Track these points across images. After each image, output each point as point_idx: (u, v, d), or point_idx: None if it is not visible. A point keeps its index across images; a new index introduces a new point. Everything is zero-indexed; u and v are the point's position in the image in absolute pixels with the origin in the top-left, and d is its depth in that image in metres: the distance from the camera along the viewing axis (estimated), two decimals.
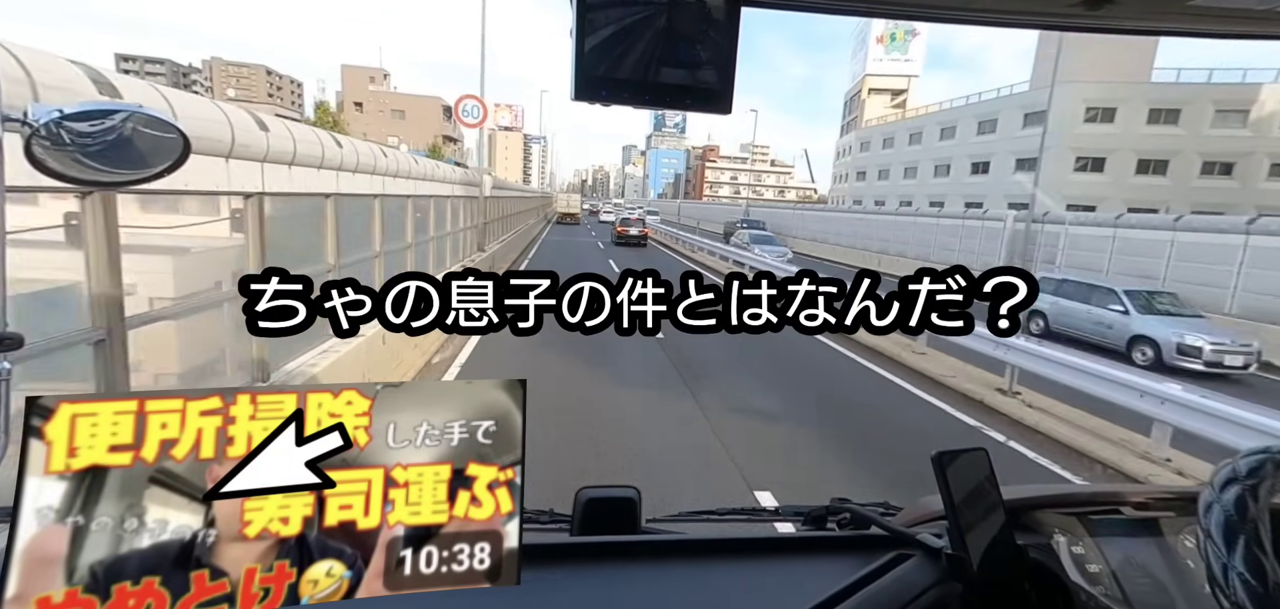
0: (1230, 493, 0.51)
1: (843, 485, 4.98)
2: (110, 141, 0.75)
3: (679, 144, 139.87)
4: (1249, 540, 0.48)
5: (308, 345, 4.82)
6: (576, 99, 0.67)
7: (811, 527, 1.16)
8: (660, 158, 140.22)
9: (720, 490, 4.12)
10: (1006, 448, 5.38)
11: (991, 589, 0.76)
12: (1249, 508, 0.49)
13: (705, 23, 0.66)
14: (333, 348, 4.92)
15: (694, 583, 0.87)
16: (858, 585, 0.74)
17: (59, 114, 0.70)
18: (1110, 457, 5.18)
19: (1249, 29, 0.70)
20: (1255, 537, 0.48)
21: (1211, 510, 0.53)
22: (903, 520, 1.02)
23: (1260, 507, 0.49)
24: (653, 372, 7.04)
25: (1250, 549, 0.48)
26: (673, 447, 5.03)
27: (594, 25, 0.64)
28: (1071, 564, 0.86)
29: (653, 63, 0.66)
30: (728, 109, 0.71)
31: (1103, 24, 0.66)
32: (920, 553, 0.81)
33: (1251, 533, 0.48)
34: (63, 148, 0.72)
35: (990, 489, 0.81)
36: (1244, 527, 0.49)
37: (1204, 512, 0.54)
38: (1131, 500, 0.97)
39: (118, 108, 0.76)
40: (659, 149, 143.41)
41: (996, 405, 6.51)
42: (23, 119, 0.68)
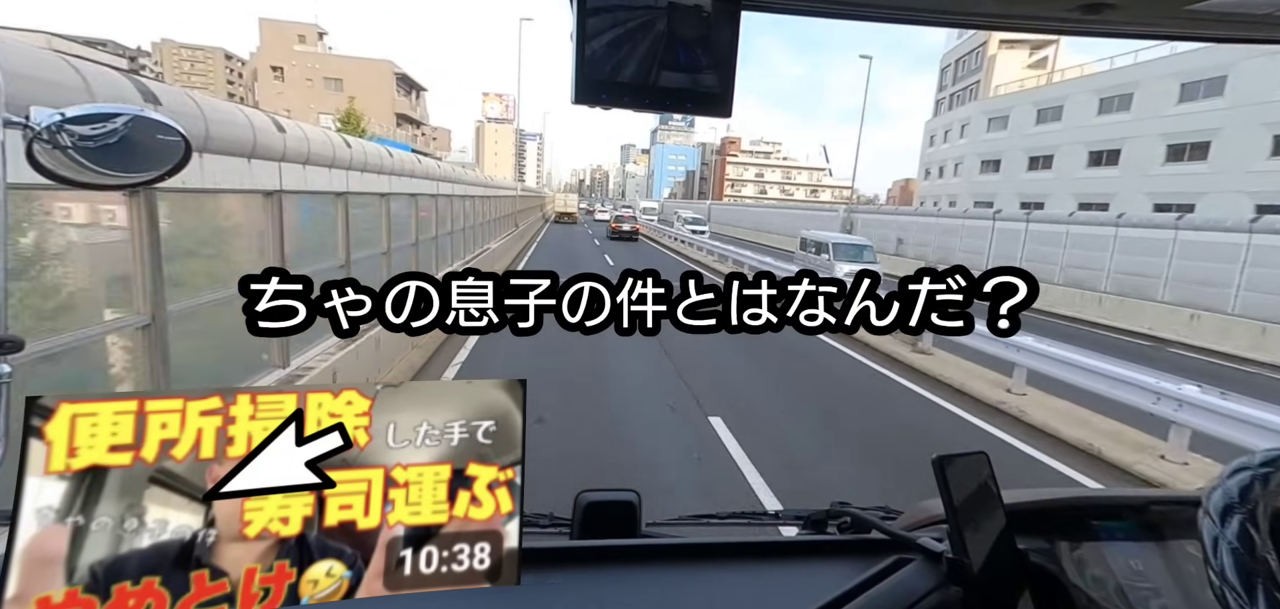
0: (1237, 479, 0.52)
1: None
2: (112, 144, 0.75)
3: (687, 139, 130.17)
4: (1244, 518, 0.48)
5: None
6: (577, 103, 0.67)
7: (812, 531, 1.16)
8: (666, 154, 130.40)
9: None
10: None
11: (992, 593, 0.75)
12: (1254, 491, 0.50)
13: (705, 26, 0.66)
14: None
15: (694, 587, 0.87)
16: (858, 590, 0.74)
17: (60, 116, 0.71)
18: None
19: (1249, 32, 0.70)
20: (1252, 515, 0.48)
21: (1215, 493, 0.53)
22: (903, 524, 1.01)
23: (1268, 490, 0.49)
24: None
25: (1244, 526, 0.48)
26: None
27: (594, 30, 0.64)
28: (1073, 568, 0.86)
29: (653, 66, 0.66)
30: (728, 112, 0.71)
31: (1102, 28, 0.66)
32: (921, 557, 0.81)
33: (1249, 511, 0.49)
34: (64, 150, 0.72)
35: (991, 492, 0.81)
36: (1243, 506, 0.49)
37: (1208, 495, 0.54)
38: (1133, 504, 0.97)
39: (118, 110, 0.76)
40: (665, 144, 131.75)
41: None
42: (25, 122, 0.69)
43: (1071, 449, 5.50)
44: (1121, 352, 9.64)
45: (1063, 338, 8.64)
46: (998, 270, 1.00)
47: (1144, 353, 11.01)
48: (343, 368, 5.12)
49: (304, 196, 5.00)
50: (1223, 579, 0.49)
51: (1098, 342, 11.23)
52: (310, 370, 4.77)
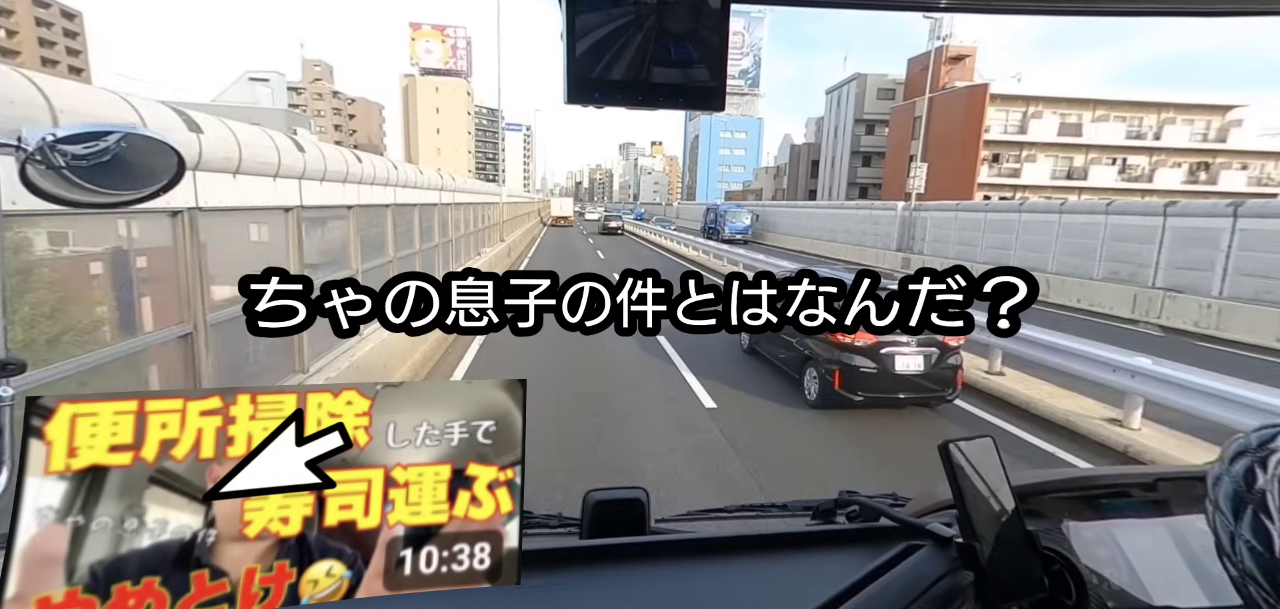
0: (1240, 465, 0.52)
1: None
2: (104, 163, 0.75)
3: (751, 108, 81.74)
4: (1256, 508, 0.49)
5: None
6: (569, 103, 0.67)
7: (821, 520, 1.17)
8: (716, 133, 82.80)
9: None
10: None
11: (1003, 576, 0.76)
12: (1258, 478, 0.50)
13: (696, 21, 0.66)
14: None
15: (705, 582, 0.87)
16: (869, 578, 0.74)
17: (52, 136, 0.70)
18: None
19: (1238, 6, 0.70)
20: (1263, 504, 0.48)
21: (1220, 482, 0.53)
22: (912, 511, 1.02)
23: (1269, 476, 0.49)
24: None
25: (1258, 517, 0.48)
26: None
27: (584, 28, 0.64)
28: (1082, 547, 0.86)
29: (645, 63, 0.66)
30: (721, 105, 0.71)
31: (1091, 5, 0.66)
32: (931, 543, 0.81)
33: (1259, 502, 0.49)
34: (56, 170, 0.71)
35: (999, 476, 0.80)
36: (1252, 496, 0.49)
37: (1213, 484, 0.54)
38: (1140, 482, 0.97)
39: (111, 129, 0.75)
40: (728, 116, 78.17)
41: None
42: (16, 143, 0.68)
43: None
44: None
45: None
46: (998, 270, 1.00)
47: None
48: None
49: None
50: (1243, 572, 0.49)
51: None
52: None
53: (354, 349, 5.49)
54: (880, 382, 5.44)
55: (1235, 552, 0.50)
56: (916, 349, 5.54)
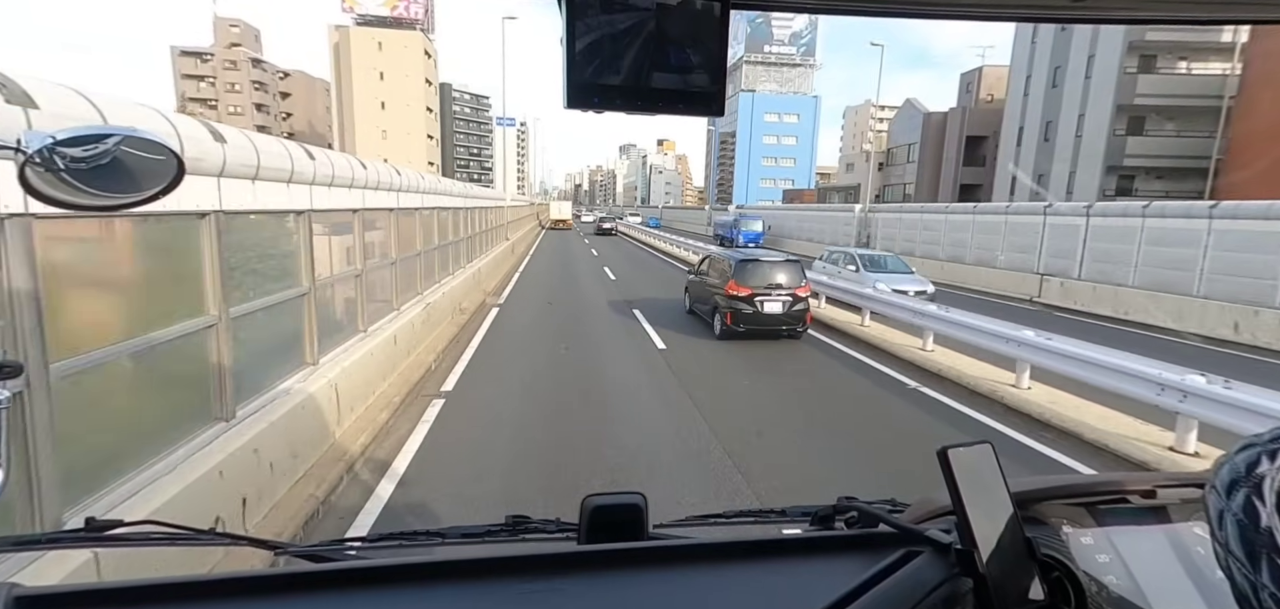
0: (1244, 456, 0.51)
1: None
2: (103, 165, 0.75)
3: (804, 82, 59.45)
4: (1250, 491, 0.48)
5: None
6: (569, 107, 0.67)
7: (819, 527, 1.17)
8: (761, 115, 59.00)
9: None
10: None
11: (1002, 582, 0.75)
12: (1260, 466, 0.49)
13: (694, 26, 0.66)
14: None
15: (703, 588, 0.87)
16: (868, 585, 0.74)
17: (52, 140, 0.70)
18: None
19: (1233, 13, 0.69)
20: (1257, 488, 0.48)
21: (1222, 470, 0.52)
22: (910, 517, 1.02)
23: (1275, 465, 0.48)
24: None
25: (1249, 498, 0.48)
26: None
27: (583, 32, 0.64)
28: (1081, 554, 0.86)
29: (644, 68, 0.66)
30: (721, 110, 0.71)
31: (1088, 15, 0.66)
32: (929, 549, 0.81)
33: (1254, 486, 0.48)
34: (56, 173, 0.72)
35: (997, 482, 0.80)
36: (1248, 481, 0.48)
37: (1216, 473, 0.53)
38: (1139, 488, 0.97)
39: (110, 131, 0.75)
40: (764, 92, 58.05)
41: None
42: (16, 146, 0.68)
43: None
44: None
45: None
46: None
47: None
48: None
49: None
50: (1228, 550, 0.49)
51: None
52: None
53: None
54: (757, 319, 9.49)
55: (1223, 529, 0.49)
56: (776, 298, 9.51)
